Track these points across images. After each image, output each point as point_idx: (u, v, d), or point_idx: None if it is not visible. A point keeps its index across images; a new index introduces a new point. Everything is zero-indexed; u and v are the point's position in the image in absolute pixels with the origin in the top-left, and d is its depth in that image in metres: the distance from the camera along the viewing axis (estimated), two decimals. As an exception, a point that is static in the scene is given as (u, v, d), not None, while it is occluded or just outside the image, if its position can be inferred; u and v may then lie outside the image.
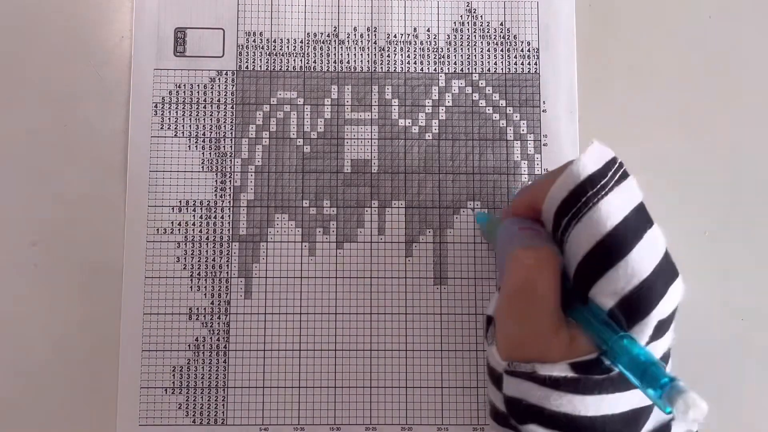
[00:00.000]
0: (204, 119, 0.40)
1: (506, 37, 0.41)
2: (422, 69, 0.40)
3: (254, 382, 0.38)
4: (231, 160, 0.40)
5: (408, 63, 0.40)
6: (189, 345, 0.38)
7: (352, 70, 0.40)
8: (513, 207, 0.32)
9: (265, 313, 0.38)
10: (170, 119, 0.40)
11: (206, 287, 0.39)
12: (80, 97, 0.40)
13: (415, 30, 0.41)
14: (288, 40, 0.40)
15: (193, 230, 0.39)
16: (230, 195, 0.39)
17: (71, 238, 0.39)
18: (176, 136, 0.40)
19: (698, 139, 0.40)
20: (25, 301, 0.38)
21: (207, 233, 0.39)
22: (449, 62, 0.40)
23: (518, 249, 0.27)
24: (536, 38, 0.41)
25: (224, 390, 0.38)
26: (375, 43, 0.41)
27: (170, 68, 0.40)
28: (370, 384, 0.38)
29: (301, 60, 0.40)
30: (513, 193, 0.39)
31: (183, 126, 0.40)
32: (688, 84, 0.41)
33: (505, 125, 0.40)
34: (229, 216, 0.39)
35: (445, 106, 0.40)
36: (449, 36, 0.41)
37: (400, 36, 0.41)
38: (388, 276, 0.39)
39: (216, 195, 0.39)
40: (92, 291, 0.38)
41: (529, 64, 0.40)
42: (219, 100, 0.40)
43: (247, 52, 0.40)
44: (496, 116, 0.40)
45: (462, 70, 0.40)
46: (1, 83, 0.40)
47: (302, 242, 0.39)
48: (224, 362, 0.38)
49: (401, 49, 0.41)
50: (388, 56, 0.40)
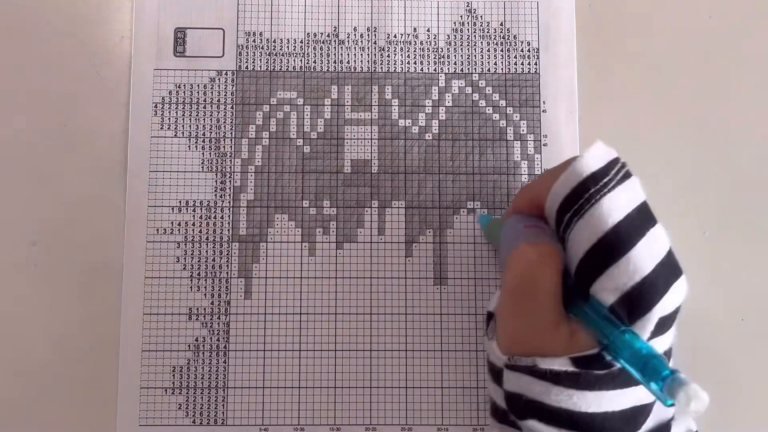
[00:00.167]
0: (204, 119, 0.40)
1: (506, 37, 0.41)
2: (422, 69, 0.40)
3: (254, 382, 0.38)
4: (231, 160, 0.40)
5: (408, 63, 0.40)
6: (189, 345, 0.38)
7: (352, 70, 0.40)
8: (515, 205, 0.32)
9: (265, 313, 0.38)
10: (170, 119, 0.40)
11: (206, 287, 0.39)
12: (80, 97, 0.40)
13: (415, 30, 0.41)
14: (288, 40, 0.40)
15: (193, 230, 0.39)
16: (230, 195, 0.39)
17: (71, 238, 0.39)
18: (176, 136, 0.40)
19: (698, 139, 0.40)
20: (25, 301, 0.38)
21: (207, 233, 0.39)
22: (449, 62, 0.40)
23: (521, 245, 0.28)
24: (536, 38, 0.41)
25: (224, 390, 0.38)
26: (375, 43, 0.41)
27: (170, 68, 0.40)
28: (370, 384, 0.38)
29: (301, 60, 0.40)
30: (513, 193, 0.39)
31: (183, 126, 0.40)
32: (688, 84, 0.41)
33: (505, 125, 0.40)
34: (229, 216, 0.39)
35: (445, 106, 0.40)
36: (449, 36, 0.41)
37: (400, 36, 0.41)
38: (388, 276, 0.39)
39: (216, 195, 0.39)
40: (92, 291, 0.38)
41: (529, 64, 0.40)
42: (219, 100, 0.40)
43: (247, 52, 0.40)
44: (496, 116, 0.40)
45: (462, 70, 0.40)
46: (1, 83, 0.40)
47: (302, 242, 0.39)
48: (224, 362, 0.38)
49: (401, 49, 0.41)
50: (388, 56, 0.40)
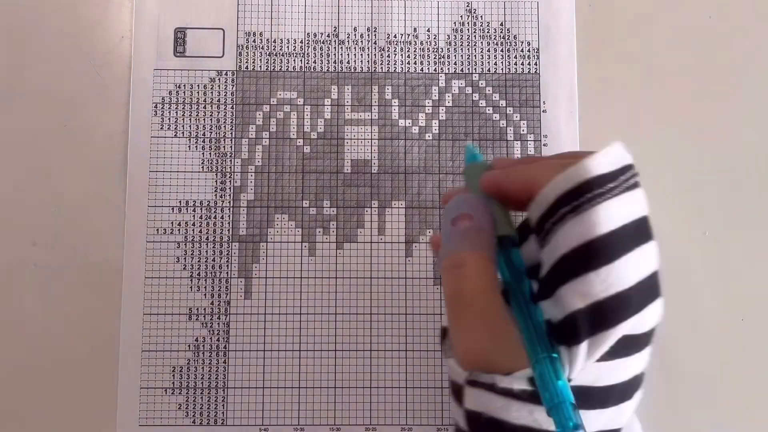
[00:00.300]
0: (204, 119, 0.40)
1: (506, 38, 0.41)
2: (422, 69, 0.40)
3: (254, 383, 0.38)
4: (231, 161, 0.40)
5: (408, 63, 0.40)
6: (189, 345, 0.38)
7: (352, 70, 0.40)
8: (504, 179, 0.29)
9: (265, 313, 0.38)
10: (170, 119, 0.40)
11: (206, 287, 0.39)
12: (80, 97, 0.40)
13: (415, 30, 0.41)
14: (288, 40, 0.40)
15: (193, 230, 0.39)
16: (230, 195, 0.39)
17: (71, 238, 0.39)
18: (176, 137, 0.40)
19: (698, 139, 0.40)
20: (25, 301, 0.38)
21: (207, 233, 0.39)
22: (449, 62, 0.40)
23: (444, 260, 0.27)
24: (536, 38, 0.41)
25: (224, 390, 0.38)
26: (375, 43, 0.41)
27: (170, 68, 0.40)
28: (370, 384, 0.38)
29: (301, 60, 0.40)
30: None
31: (183, 126, 0.40)
32: (688, 84, 0.41)
33: (505, 125, 0.40)
34: (229, 216, 0.39)
35: (445, 107, 0.40)
36: (449, 36, 0.41)
37: (400, 36, 0.41)
38: (388, 276, 0.39)
39: (216, 195, 0.39)
40: (92, 291, 0.38)
41: (529, 65, 0.40)
42: (219, 100, 0.40)
43: (247, 52, 0.40)
44: (496, 116, 0.40)
45: (462, 70, 0.40)
46: (2, 83, 0.40)
47: (302, 242, 0.39)
48: (224, 362, 0.38)
49: (401, 49, 0.41)
50: (388, 56, 0.40)
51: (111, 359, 0.38)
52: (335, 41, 0.41)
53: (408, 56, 0.40)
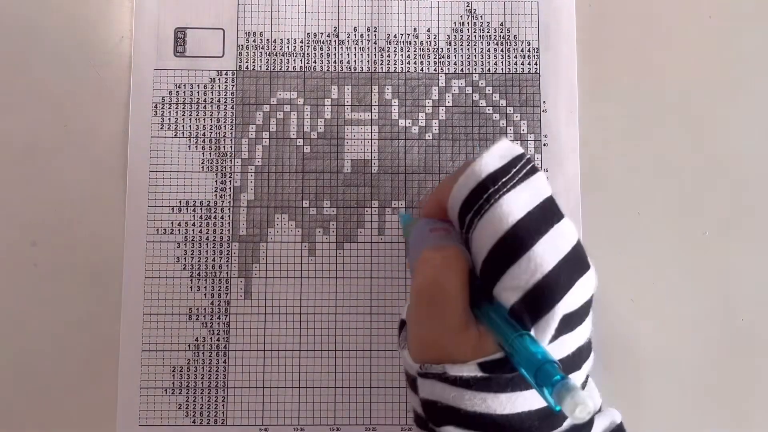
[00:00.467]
0: (204, 119, 0.40)
1: (506, 37, 0.41)
2: (422, 69, 0.40)
3: (254, 382, 0.38)
4: (231, 161, 0.40)
5: (408, 63, 0.40)
6: (189, 345, 0.38)
7: (352, 70, 0.40)
8: (424, 209, 0.32)
9: (265, 313, 0.38)
10: (170, 119, 0.40)
11: (206, 287, 0.39)
12: (80, 97, 0.40)
13: (415, 30, 0.41)
14: (288, 40, 0.40)
15: (193, 230, 0.39)
16: (230, 195, 0.39)
17: (71, 238, 0.39)
18: (176, 136, 0.40)
19: (698, 139, 0.40)
20: (25, 301, 0.38)
21: (207, 233, 0.39)
22: (449, 62, 0.40)
23: (425, 250, 0.27)
24: (536, 38, 0.41)
25: (224, 390, 0.38)
26: (375, 43, 0.41)
27: (170, 68, 0.40)
28: (370, 384, 0.38)
29: (301, 60, 0.40)
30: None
31: (183, 126, 0.40)
32: (688, 84, 0.41)
33: (506, 125, 0.40)
34: (229, 216, 0.39)
35: (445, 107, 0.40)
36: (449, 36, 0.41)
37: (400, 36, 0.41)
38: (388, 276, 0.39)
39: (216, 195, 0.39)
40: (92, 291, 0.38)
41: (529, 64, 0.40)
42: (219, 100, 0.40)
43: (247, 52, 0.40)
44: (497, 116, 0.40)
45: (462, 70, 0.40)
46: (2, 83, 0.40)
47: (302, 242, 0.39)
48: (224, 362, 0.38)
49: (401, 49, 0.41)
50: (388, 56, 0.40)
51: (111, 359, 0.38)
52: (335, 41, 0.41)
53: (408, 56, 0.40)
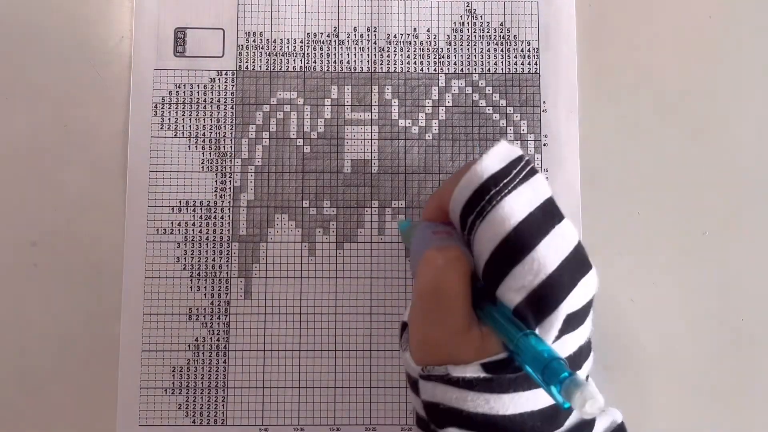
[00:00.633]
0: (204, 119, 0.40)
1: (506, 37, 0.41)
2: (422, 69, 0.40)
3: (254, 383, 0.38)
4: (231, 160, 0.40)
5: (408, 63, 0.40)
6: (189, 345, 0.38)
7: (352, 70, 0.40)
8: (425, 212, 0.32)
9: (265, 313, 0.38)
10: (170, 119, 0.40)
11: (206, 287, 0.39)
12: (80, 97, 0.40)
13: (415, 30, 0.41)
14: (288, 40, 0.40)
15: (193, 230, 0.39)
16: (230, 195, 0.39)
17: (71, 238, 0.39)
18: (176, 136, 0.40)
19: (698, 139, 0.40)
20: (25, 301, 0.38)
21: (207, 233, 0.39)
22: (449, 62, 0.40)
23: (427, 251, 0.27)
24: (536, 38, 0.41)
25: (224, 390, 0.38)
26: (375, 43, 0.41)
27: (170, 68, 0.40)
28: (370, 384, 0.38)
29: (301, 60, 0.40)
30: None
31: (183, 126, 0.40)
32: (688, 84, 0.41)
33: (505, 125, 0.40)
34: (229, 216, 0.39)
35: (445, 107, 0.40)
36: (449, 36, 0.41)
37: (400, 36, 0.41)
38: (388, 276, 0.39)
39: (216, 195, 0.39)
40: (92, 291, 0.38)
41: (529, 64, 0.40)
42: (219, 100, 0.40)
43: (247, 52, 0.40)
44: (497, 116, 0.40)
45: (462, 70, 0.40)
46: (1, 83, 0.40)
47: (302, 242, 0.39)
48: (224, 362, 0.38)
49: (401, 49, 0.41)
50: (388, 56, 0.40)
51: (111, 359, 0.38)
52: (335, 41, 0.41)
53: (408, 56, 0.40)
